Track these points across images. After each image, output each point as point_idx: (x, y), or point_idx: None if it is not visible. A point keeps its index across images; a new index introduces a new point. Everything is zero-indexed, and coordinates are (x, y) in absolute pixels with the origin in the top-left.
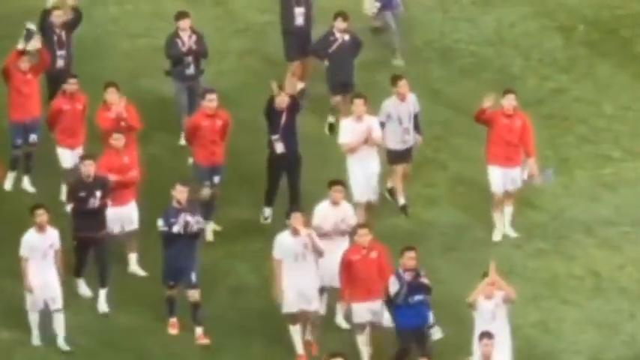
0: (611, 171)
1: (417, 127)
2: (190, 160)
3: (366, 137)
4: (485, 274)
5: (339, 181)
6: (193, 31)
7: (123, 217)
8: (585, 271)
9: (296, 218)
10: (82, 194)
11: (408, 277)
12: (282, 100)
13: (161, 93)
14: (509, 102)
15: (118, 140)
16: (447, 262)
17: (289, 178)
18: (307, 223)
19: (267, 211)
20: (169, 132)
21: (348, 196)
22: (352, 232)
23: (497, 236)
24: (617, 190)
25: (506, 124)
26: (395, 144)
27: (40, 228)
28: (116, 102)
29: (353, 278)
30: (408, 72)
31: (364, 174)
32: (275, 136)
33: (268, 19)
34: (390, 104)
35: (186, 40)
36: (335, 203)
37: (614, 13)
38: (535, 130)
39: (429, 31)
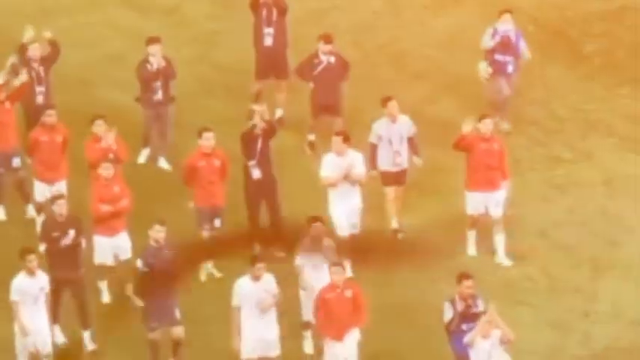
0: (563, 172)
1: (414, 149)
2: (191, 204)
3: (346, 173)
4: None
5: (318, 218)
6: (163, 56)
7: (115, 247)
8: (539, 272)
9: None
10: (55, 234)
11: (460, 306)
12: (258, 125)
13: (117, 102)
14: (486, 126)
15: (107, 170)
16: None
17: (268, 203)
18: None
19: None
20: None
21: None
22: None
23: (471, 250)
24: (569, 192)
25: (486, 149)
26: (386, 166)
27: (30, 272)
28: (104, 134)
29: (327, 316)
30: (360, 75)
31: (345, 209)
32: (252, 162)
33: (218, 27)
34: (380, 125)
35: (155, 64)
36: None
37: (563, 14)
38: None
39: (380, 35)
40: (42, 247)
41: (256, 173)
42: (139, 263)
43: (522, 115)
